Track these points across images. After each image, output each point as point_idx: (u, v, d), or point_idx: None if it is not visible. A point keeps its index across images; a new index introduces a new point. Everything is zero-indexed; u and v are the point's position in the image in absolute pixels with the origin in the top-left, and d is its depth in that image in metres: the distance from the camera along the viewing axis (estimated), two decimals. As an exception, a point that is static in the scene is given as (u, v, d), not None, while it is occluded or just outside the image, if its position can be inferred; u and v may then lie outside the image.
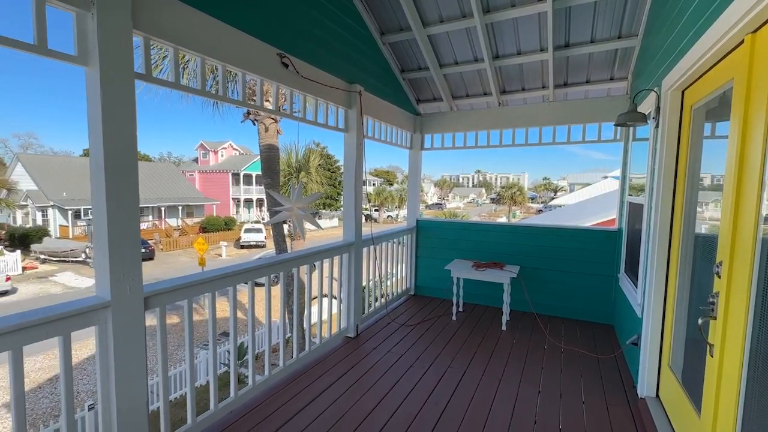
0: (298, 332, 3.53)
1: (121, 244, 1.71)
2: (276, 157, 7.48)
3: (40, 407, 8.83)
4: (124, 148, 1.70)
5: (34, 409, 8.71)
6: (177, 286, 2.02)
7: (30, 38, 1.48)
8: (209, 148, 43.57)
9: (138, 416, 1.83)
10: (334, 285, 3.67)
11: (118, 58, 1.66)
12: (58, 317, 1.56)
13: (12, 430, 1.48)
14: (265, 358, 2.83)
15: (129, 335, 1.77)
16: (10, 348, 1.45)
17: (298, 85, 2.85)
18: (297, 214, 2.84)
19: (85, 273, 21.35)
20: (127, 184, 1.72)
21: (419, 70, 4.56)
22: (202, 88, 2.19)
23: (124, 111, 1.69)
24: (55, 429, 6.82)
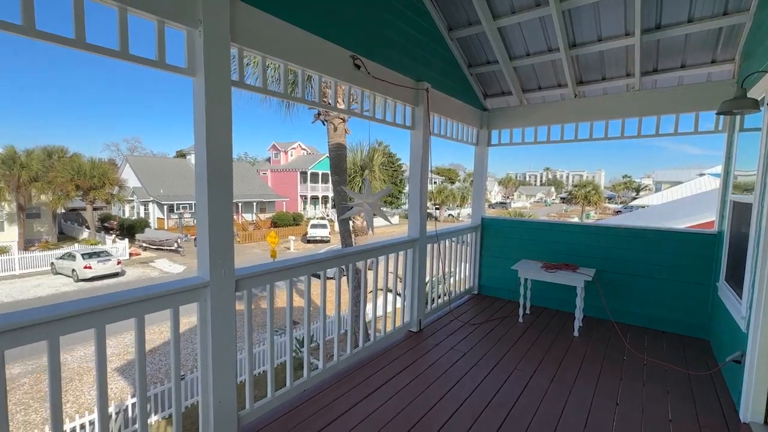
0: (362, 324, 3.67)
1: (219, 235, 1.95)
2: (344, 156, 7.80)
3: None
4: (222, 150, 1.94)
5: (154, 371, 10.13)
6: (261, 272, 2.24)
7: (153, 55, 1.75)
8: (280, 149, 46.58)
9: (229, 383, 2.07)
10: (393, 279, 3.75)
11: (218, 68, 1.89)
12: (171, 292, 1.83)
13: (137, 386, 1.78)
14: (334, 346, 3.00)
15: (223, 311, 2.01)
16: (135, 316, 1.73)
17: (368, 85, 2.97)
18: (368, 209, 2.96)
19: (177, 260, 24.20)
20: (224, 183, 1.95)
21: (487, 64, 4.45)
22: (285, 92, 2.39)
23: (222, 116, 1.92)
24: (168, 387, 8.01)
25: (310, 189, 44.41)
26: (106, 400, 1.68)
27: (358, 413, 2.47)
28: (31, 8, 1.40)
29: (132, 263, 22.95)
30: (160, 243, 27.16)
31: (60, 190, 25.03)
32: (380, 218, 2.99)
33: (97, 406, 1.66)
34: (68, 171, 25.22)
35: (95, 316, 1.59)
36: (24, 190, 24.05)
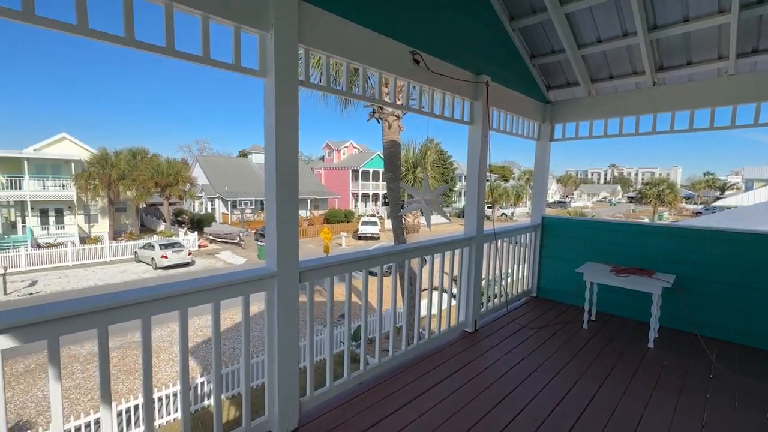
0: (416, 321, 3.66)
1: (285, 229, 2.05)
2: (397, 153, 7.84)
3: (208, 357, 11.14)
4: (290, 148, 2.03)
5: (206, 356, 11.04)
6: (323, 265, 2.32)
7: (230, 59, 1.88)
8: (333, 147, 47.97)
9: (292, 370, 2.17)
10: (447, 278, 3.68)
11: (287, 68, 1.98)
12: (243, 281, 1.96)
13: (213, 365, 1.93)
14: (389, 342, 3.02)
15: (287, 301, 2.11)
16: (212, 301, 1.88)
17: (427, 80, 2.93)
18: (426, 207, 2.94)
19: (238, 252, 25.96)
20: (291, 180, 2.05)
21: (552, 53, 4.20)
22: (347, 90, 2.44)
23: (290, 115, 2.01)
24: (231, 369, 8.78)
25: (361, 186, 45.23)
26: (187, 374, 1.84)
27: (412, 411, 2.46)
28: (131, 22, 1.56)
29: (200, 254, 25.03)
30: (224, 236, 29.32)
31: (142, 187, 27.97)
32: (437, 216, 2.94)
33: (180, 379, 1.83)
34: (149, 170, 28.08)
35: (180, 300, 1.75)
36: (113, 187, 27.22)
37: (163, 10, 1.65)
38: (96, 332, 1.53)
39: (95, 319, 1.51)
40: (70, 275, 19.85)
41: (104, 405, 1.58)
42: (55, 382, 1.45)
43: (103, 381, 1.55)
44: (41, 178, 26.25)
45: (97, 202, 27.94)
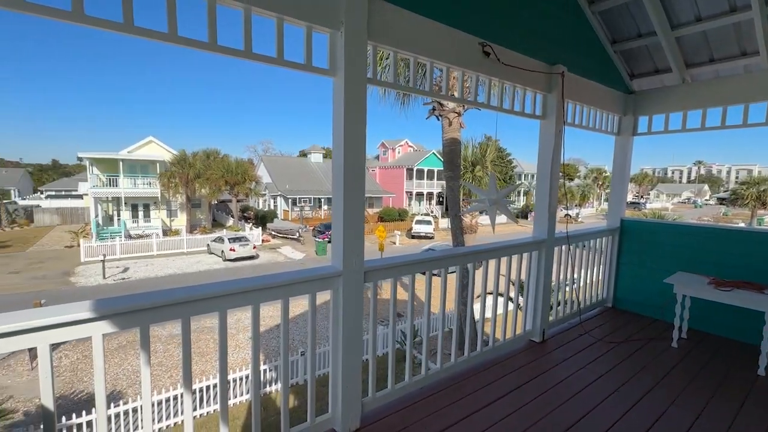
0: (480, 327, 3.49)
1: (352, 229, 2.03)
2: (458, 151, 7.62)
3: (269, 346, 11.80)
4: (358, 147, 2.00)
5: (268, 345, 11.72)
6: (388, 265, 2.28)
7: (301, 59, 1.90)
8: (388, 146, 48.30)
9: (355, 369, 2.16)
10: (507, 283, 3.46)
11: (356, 66, 1.95)
12: (310, 279, 1.98)
13: (281, 353, 1.97)
14: (452, 347, 2.90)
15: (352, 301, 2.09)
16: (282, 298, 1.92)
17: (497, 73, 2.76)
18: (492, 207, 2.78)
19: (298, 248, 27.21)
20: (358, 179, 2.03)
21: (638, 38, 3.76)
22: (414, 86, 2.37)
23: (358, 114, 1.99)
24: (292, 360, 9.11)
25: (415, 185, 45.05)
26: (258, 363, 1.90)
27: (477, 423, 2.33)
28: (214, 27, 1.63)
29: (263, 248, 26.63)
30: (285, 232, 30.91)
31: (214, 185, 30.43)
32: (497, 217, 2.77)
33: (251, 366, 1.89)
34: (220, 169, 30.46)
35: (253, 295, 1.81)
36: (190, 185, 29.94)
37: (242, 14, 1.71)
38: (180, 322, 1.63)
39: (180, 310, 1.60)
40: (154, 263, 22.23)
41: (186, 389, 1.68)
42: (146, 367, 1.56)
43: (185, 366, 1.66)
44: (132, 177, 29.76)
45: (176, 199, 30.96)
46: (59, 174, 60.15)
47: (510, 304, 3.31)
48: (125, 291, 16.96)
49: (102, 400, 1.49)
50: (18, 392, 8.92)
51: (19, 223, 35.63)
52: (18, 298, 15.07)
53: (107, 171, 29.10)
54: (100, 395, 1.48)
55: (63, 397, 8.88)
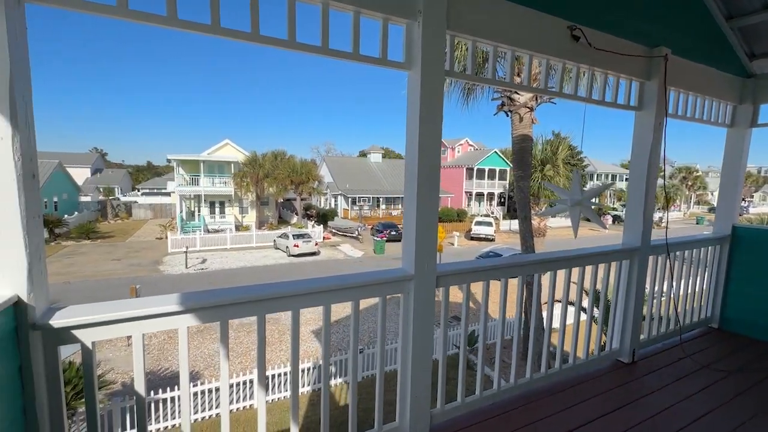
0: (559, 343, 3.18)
1: (425, 231, 1.92)
2: (529, 149, 7.12)
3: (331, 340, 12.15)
4: (433, 144, 1.89)
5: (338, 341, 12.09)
6: (460, 270, 2.13)
7: (377, 53, 1.82)
8: (447, 145, 47.41)
9: (425, 379, 2.05)
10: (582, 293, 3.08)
11: (434, 58, 1.83)
12: (381, 282, 1.91)
13: (350, 359, 1.93)
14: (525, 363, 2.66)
15: (423, 306, 1.98)
16: (353, 299, 1.87)
17: (587, 60, 2.46)
18: (576, 210, 2.49)
19: (356, 246, 27.82)
20: (433, 179, 1.91)
21: (763, 10, 3.15)
22: (493, 77, 2.19)
23: (435, 109, 1.87)
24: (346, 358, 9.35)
25: (475, 185, 43.71)
26: (328, 359, 1.87)
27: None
28: (293, 23, 1.62)
29: (324, 245, 27.64)
30: (344, 230, 31.80)
31: (281, 184, 32.29)
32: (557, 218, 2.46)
33: (323, 358, 1.86)
34: (287, 169, 32.24)
35: (325, 296, 1.78)
36: (260, 184, 32.09)
37: (320, 9, 1.67)
38: (256, 318, 1.65)
39: (256, 308, 1.62)
40: (228, 256, 24.17)
41: (260, 380, 1.70)
42: (225, 361, 1.60)
43: (260, 359, 1.69)
44: (211, 177, 32.69)
45: (247, 197, 33.38)
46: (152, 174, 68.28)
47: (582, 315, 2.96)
48: (204, 280, 18.65)
49: (186, 382, 1.55)
50: (117, 365, 10.19)
51: (120, 216, 41.10)
52: (120, 282, 17.29)
53: (190, 171, 32.32)
54: (184, 379, 1.54)
55: (151, 373, 9.96)
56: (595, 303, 4.60)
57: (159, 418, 7.86)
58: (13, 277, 1.21)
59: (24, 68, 1.22)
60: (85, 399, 1.42)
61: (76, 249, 25.13)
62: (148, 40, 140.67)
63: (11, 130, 1.16)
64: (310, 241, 24.63)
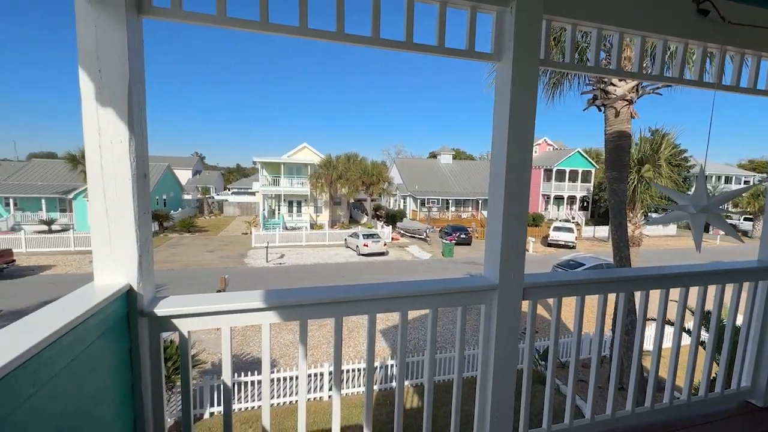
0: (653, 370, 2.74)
1: (512, 235, 1.74)
2: (626, 147, 6.27)
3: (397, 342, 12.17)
4: (525, 141, 1.70)
5: (395, 342, 12.13)
6: (551, 282, 1.91)
7: (463, 45, 1.70)
8: (524, 145, 44.78)
9: (507, 400, 1.87)
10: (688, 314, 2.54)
11: (528, 46, 1.66)
12: (461, 291, 1.78)
13: (426, 370, 1.83)
14: (629, 396, 2.31)
15: (508, 319, 1.81)
16: (430, 307, 1.76)
17: (717, 38, 2.05)
18: (698, 218, 2.08)
19: (425, 248, 27.61)
20: (522, 182, 1.73)
21: None
22: (596, 64, 1.92)
23: (528, 103, 1.69)
24: (417, 360, 9.27)
25: (554, 188, 40.66)
26: (404, 369, 1.80)
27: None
28: (377, 20, 1.57)
29: (392, 246, 27.91)
30: (412, 231, 31.78)
31: (352, 185, 33.41)
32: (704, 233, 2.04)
33: (398, 365, 1.79)
34: (358, 171, 33.27)
35: (401, 302, 1.71)
36: (333, 185, 33.57)
37: (405, 3, 1.61)
38: (333, 320, 1.64)
39: (335, 309, 1.60)
40: (303, 253, 25.68)
41: (335, 384, 1.68)
42: (303, 360, 1.61)
43: (336, 360, 1.68)
44: (290, 178, 35.10)
45: (321, 197, 35.17)
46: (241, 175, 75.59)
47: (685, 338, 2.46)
48: (282, 274, 20.04)
49: (267, 375, 1.59)
50: (208, 346, 11.37)
51: (214, 213, 46.24)
52: (212, 272, 19.35)
53: (272, 173, 35.09)
54: (266, 372, 1.58)
55: (235, 357, 10.93)
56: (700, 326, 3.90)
57: (241, 399, 8.58)
58: (126, 267, 1.33)
59: (140, 77, 1.34)
60: (181, 379, 1.53)
61: (179, 240, 28.78)
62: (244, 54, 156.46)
63: (128, 133, 1.28)
64: (379, 241, 25.05)
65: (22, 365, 0.82)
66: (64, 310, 1.07)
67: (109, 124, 1.26)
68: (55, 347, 0.96)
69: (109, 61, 1.24)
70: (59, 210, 30.70)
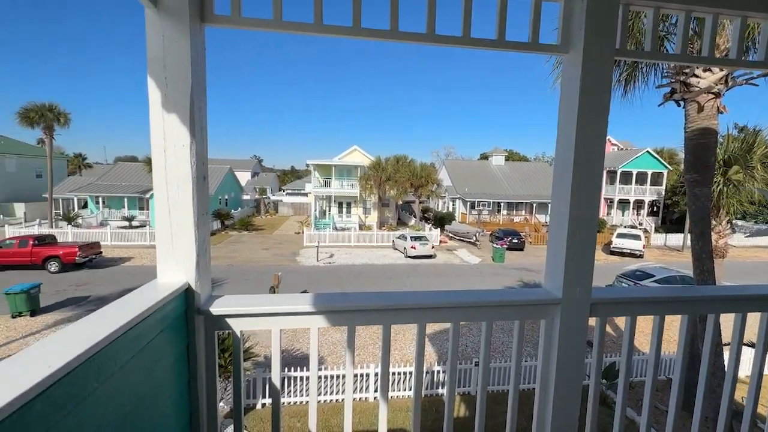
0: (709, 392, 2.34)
1: (578, 247, 1.57)
2: (711, 146, 5.49)
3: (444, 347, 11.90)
4: (595, 144, 1.53)
5: (442, 347, 11.88)
6: (624, 299, 1.70)
7: (525, 37, 1.57)
8: (584, 146, 41.94)
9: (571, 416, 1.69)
10: None
11: (601, 35, 1.49)
12: (518, 304, 1.64)
13: (479, 390, 1.71)
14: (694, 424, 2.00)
15: (572, 335, 1.64)
16: (485, 319, 1.65)
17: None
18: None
19: (474, 252, 26.84)
20: (592, 186, 1.56)
21: None
22: (683, 52, 1.68)
23: (600, 99, 1.52)
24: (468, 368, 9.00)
25: (618, 191, 37.57)
26: (454, 384, 1.70)
27: None
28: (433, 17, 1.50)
29: (440, 249, 27.47)
30: (461, 235, 31.06)
31: (401, 187, 33.45)
32: None
33: (447, 375, 1.70)
34: (407, 173, 33.23)
35: (452, 312, 1.61)
36: (382, 186, 33.85)
37: None
38: (381, 327, 1.59)
39: (383, 317, 1.55)
40: (351, 253, 26.16)
41: (382, 390, 1.63)
42: (350, 366, 1.58)
43: (383, 367, 1.63)
44: (340, 180, 36.01)
45: (370, 198, 35.63)
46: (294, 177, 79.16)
47: None
48: (332, 273, 20.57)
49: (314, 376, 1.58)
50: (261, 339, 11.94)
51: (269, 212, 48.81)
52: (267, 269, 20.38)
53: (324, 174, 36.24)
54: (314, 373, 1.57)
55: (285, 352, 11.37)
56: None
57: (290, 393, 8.89)
58: (185, 266, 1.38)
59: (201, 83, 1.39)
60: (233, 376, 1.57)
61: (238, 238, 30.71)
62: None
63: (190, 138, 1.33)
64: (427, 243, 24.78)
65: (88, 360, 0.86)
66: (129, 306, 1.13)
67: (173, 129, 1.32)
68: (120, 343, 1.00)
69: (174, 69, 1.29)
70: (138, 208, 34.21)
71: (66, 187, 35.17)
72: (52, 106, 28.27)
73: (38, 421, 0.72)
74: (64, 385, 0.78)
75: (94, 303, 14.45)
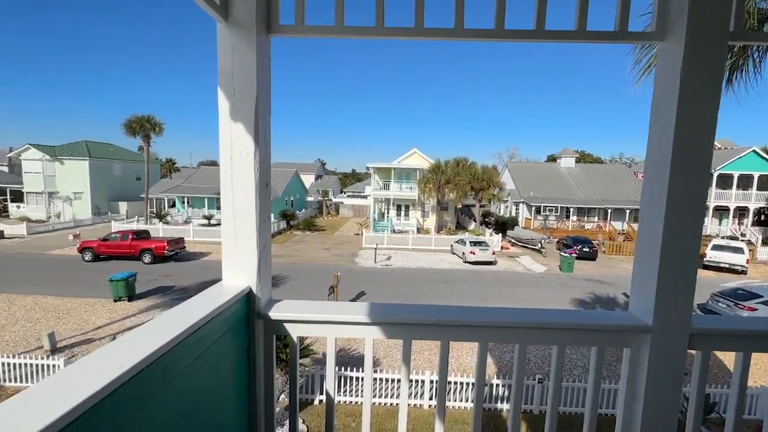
0: None
1: (674, 264, 1.34)
2: None
3: (503, 360, 11.31)
4: (701, 145, 1.30)
5: (501, 359, 11.30)
6: (738, 331, 1.41)
7: (610, 26, 1.38)
8: (671, 145, 37.41)
9: None
10: None
11: (710, 18, 1.25)
12: (596, 328, 1.44)
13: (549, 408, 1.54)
14: None
15: (664, 370, 1.40)
16: (556, 343, 1.48)
17: None
18: None
19: (538, 260, 25.25)
20: (694, 191, 1.32)
21: None
22: (823, 31, 1.36)
23: (705, 93, 1.28)
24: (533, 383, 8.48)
25: (714, 196, 32.89)
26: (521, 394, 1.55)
27: None
28: (502, 10, 1.38)
29: (502, 255, 26.28)
30: (525, 241, 29.42)
31: (461, 190, 32.67)
32: None
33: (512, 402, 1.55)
34: (467, 175, 32.38)
35: (518, 333, 1.47)
36: (441, 189, 33.36)
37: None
38: (439, 343, 1.50)
39: (440, 332, 1.47)
40: (408, 256, 26.11)
41: (439, 407, 1.54)
42: (405, 382, 1.51)
43: (441, 385, 1.55)
44: (399, 182, 36.21)
45: (429, 201, 35.31)
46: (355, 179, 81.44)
47: None
48: (389, 275, 20.71)
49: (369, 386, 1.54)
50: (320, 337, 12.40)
51: (331, 214, 50.73)
52: (327, 268, 21.14)
53: (383, 177, 36.72)
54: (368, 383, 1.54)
55: (342, 350, 11.64)
56: None
57: (346, 392, 9.06)
58: (248, 270, 1.43)
59: (266, 93, 1.42)
60: (289, 378, 1.59)
61: (301, 238, 32.31)
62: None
63: (254, 146, 1.36)
64: (487, 249, 23.85)
65: (156, 361, 0.90)
66: (196, 308, 1.18)
67: (239, 138, 1.37)
68: (186, 344, 1.04)
69: (241, 80, 1.34)
70: (216, 207, 37.64)
71: (159, 188, 39.96)
72: (150, 117, 32.26)
73: (107, 420, 0.75)
74: (132, 386, 0.82)
75: (178, 293, 16.12)
